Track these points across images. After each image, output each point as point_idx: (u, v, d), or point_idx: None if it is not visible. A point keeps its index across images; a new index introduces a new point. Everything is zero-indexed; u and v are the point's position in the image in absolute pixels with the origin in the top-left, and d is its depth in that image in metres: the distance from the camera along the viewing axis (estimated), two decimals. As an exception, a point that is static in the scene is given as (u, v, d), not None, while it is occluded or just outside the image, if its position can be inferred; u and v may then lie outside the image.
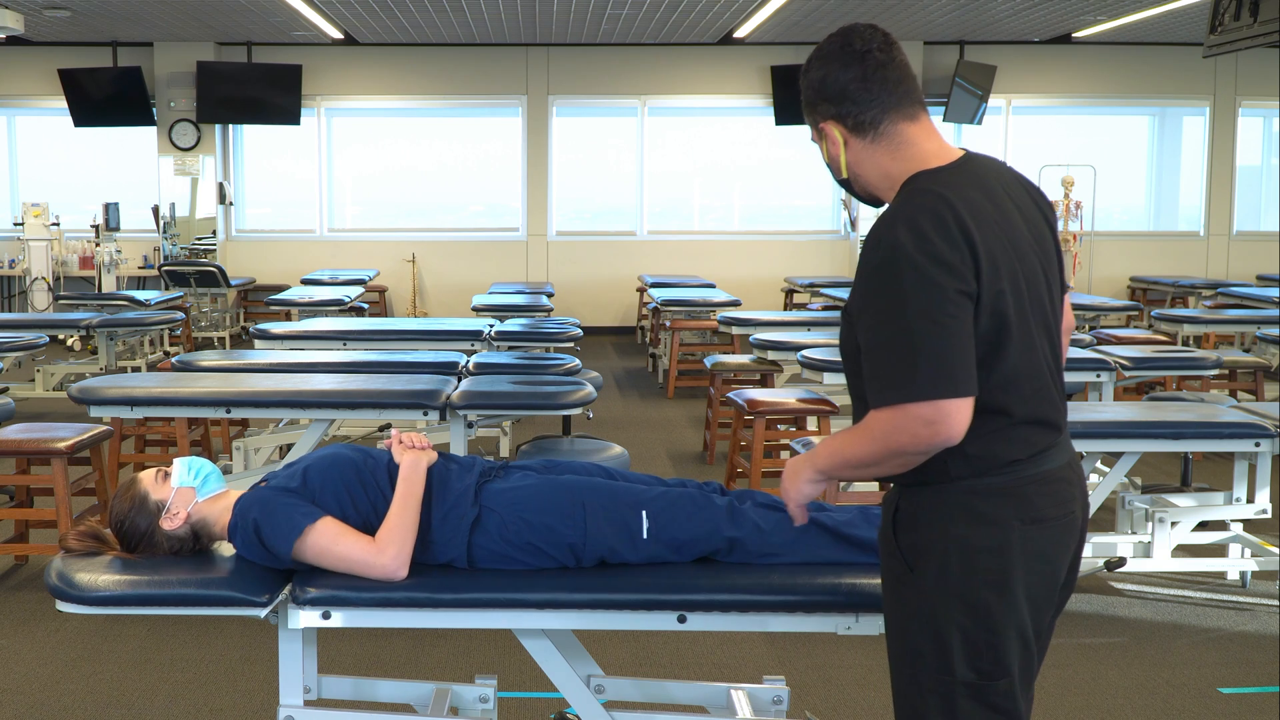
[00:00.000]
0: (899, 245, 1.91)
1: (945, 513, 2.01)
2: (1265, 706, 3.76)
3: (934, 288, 1.89)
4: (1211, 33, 7.68)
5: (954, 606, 2.00)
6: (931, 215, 1.93)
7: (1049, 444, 2.05)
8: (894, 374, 1.91)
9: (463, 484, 2.75)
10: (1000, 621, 2.00)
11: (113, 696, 3.76)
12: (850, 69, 2.05)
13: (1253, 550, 4.85)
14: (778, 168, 14.10)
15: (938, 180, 2.00)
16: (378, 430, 6.90)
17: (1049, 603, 2.07)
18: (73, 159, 13.86)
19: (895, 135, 2.06)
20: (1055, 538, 2.04)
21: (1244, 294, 10.60)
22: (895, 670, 2.13)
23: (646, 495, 2.73)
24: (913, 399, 1.89)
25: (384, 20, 11.57)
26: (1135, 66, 13.55)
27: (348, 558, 2.62)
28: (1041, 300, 2.04)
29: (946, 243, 1.91)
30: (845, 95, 2.06)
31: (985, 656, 2.01)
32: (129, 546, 2.77)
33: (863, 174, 2.12)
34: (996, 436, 1.99)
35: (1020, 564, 2.00)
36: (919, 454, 1.95)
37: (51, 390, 8.57)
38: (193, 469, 2.81)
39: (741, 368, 7.17)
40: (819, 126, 2.12)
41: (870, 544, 2.66)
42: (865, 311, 1.97)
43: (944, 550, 2.01)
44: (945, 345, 1.88)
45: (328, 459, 2.79)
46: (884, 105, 2.05)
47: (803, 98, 2.14)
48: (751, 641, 4.21)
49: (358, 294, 10.17)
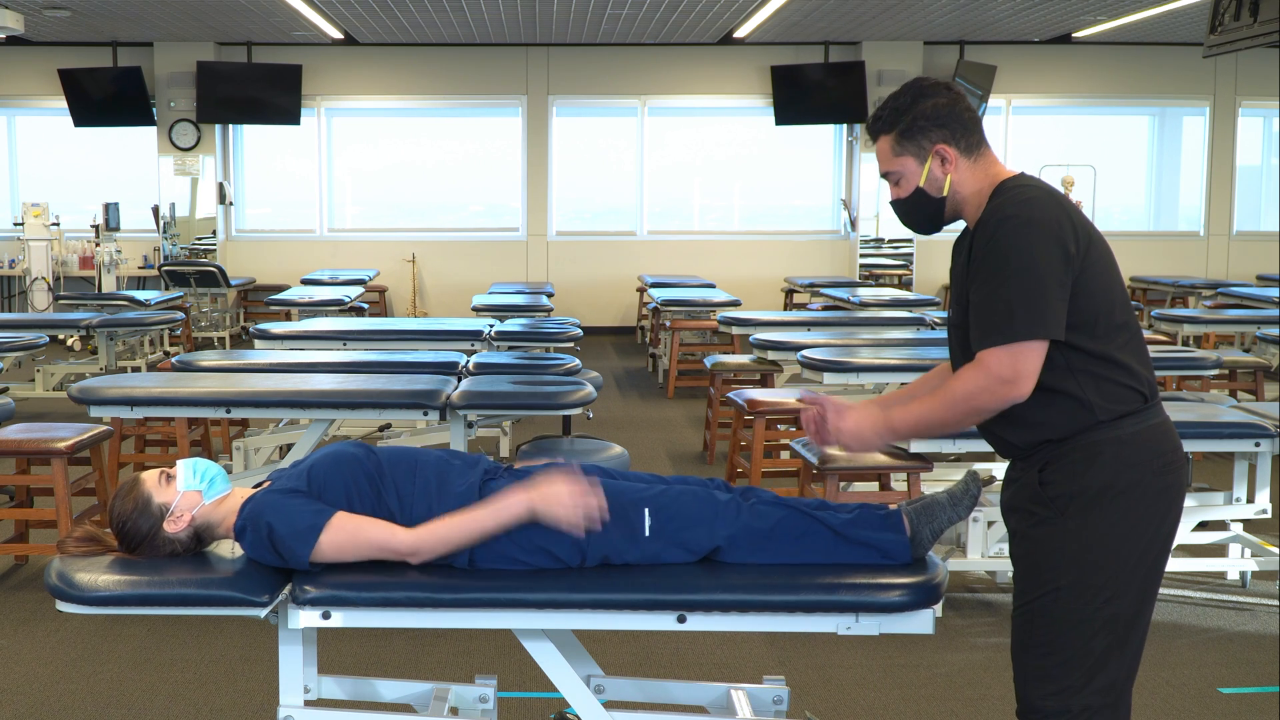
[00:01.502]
0: (1023, 218, 2.28)
1: (1090, 459, 2.32)
2: (1265, 706, 3.76)
3: (1056, 250, 2.26)
4: (1211, 33, 7.68)
5: (1095, 546, 2.31)
6: (1042, 204, 2.31)
7: (1156, 395, 2.39)
8: (1012, 317, 2.26)
9: (465, 482, 2.75)
10: (1136, 559, 2.32)
11: (113, 696, 3.76)
12: (958, 102, 2.46)
13: (1253, 550, 4.85)
14: (778, 168, 14.11)
15: (1026, 180, 2.41)
16: (378, 430, 6.90)
17: (1171, 540, 2.39)
18: (73, 159, 13.86)
19: (985, 156, 2.47)
20: (1177, 481, 2.38)
21: (1244, 294, 10.59)
22: (1026, 610, 2.38)
23: (648, 493, 2.73)
24: (1020, 339, 2.25)
25: (384, 20, 11.57)
26: (1135, 66, 13.55)
27: (370, 542, 2.62)
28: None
29: (1060, 226, 2.29)
30: (958, 121, 2.45)
31: (1120, 592, 2.32)
32: (129, 547, 2.76)
33: (961, 190, 2.46)
34: (1125, 386, 2.33)
35: (1154, 504, 2.33)
36: (999, 397, 2.30)
37: (51, 390, 8.58)
38: (198, 472, 2.79)
39: (741, 368, 7.17)
40: (933, 149, 2.44)
41: (873, 544, 2.66)
42: (986, 272, 2.31)
43: (1089, 493, 2.31)
44: (1049, 295, 2.25)
45: (332, 456, 2.78)
46: (980, 132, 2.47)
47: (899, 129, 2.46)
48: (751, 641, 4.21)
49: (358, 294, 10.17)
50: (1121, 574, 2.32)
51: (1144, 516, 2.33)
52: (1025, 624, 2.40)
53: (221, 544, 2.81)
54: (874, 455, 4.62)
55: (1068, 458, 2.34)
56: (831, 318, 8.39)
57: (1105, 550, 2.31)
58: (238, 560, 2.74)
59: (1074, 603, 2.32)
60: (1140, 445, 2.33)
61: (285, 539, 2.61)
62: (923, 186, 2.47)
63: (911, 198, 2.50)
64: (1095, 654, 2.34)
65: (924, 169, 2.46)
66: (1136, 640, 2.38)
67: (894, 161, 2.49)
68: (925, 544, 2.68)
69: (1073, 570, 2.32)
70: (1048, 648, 2.36)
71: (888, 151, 2.50)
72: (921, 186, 2.47)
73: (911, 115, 2.45)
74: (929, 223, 2.53)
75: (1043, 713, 2.37)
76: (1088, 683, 2.34)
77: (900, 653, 4.11)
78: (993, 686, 3.88)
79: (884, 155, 2.51)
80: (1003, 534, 4.65)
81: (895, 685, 3.88)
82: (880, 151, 2.52)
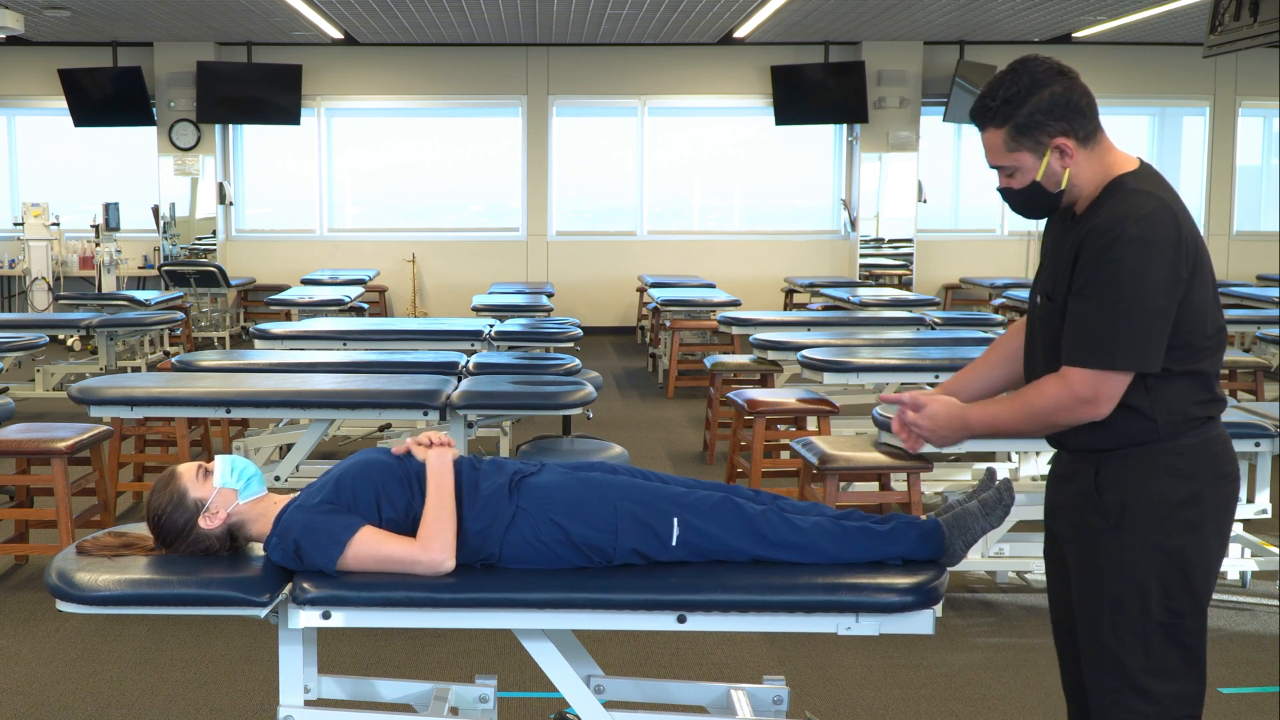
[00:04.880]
0: (1143, 240, 2.20)
1: (1148, 471, 2.31)
2: (1265, 706, 3.76)
3: (1169, 278, 2.21)
4: (1211, 33, 7.67)
5: (1154, 555, 2.30)
6: (1162, 220, 2.23)
7: (1222, 409, 2.38)
8: (1104, 341, 2.23)
9: (493, 483, 2.75)
10: (1194, 566, 2.31)
11: (113, 696, 3.76)
12: (1074, 87, 2.31)
13: (1253, 550, 4.85)
14: (778, 168, 14.10)
15: (1148, 182, 2.30)
16: (378, 430, 6.90)
17: (1225, 548, 2.40)
18: (73, 159, 13.86)
19: (1100, 142, 2.34)
20: (1233, 491, 2.38)
21: (1244, 294, 10.59)
22: (1092, 620, 2.37)
23: (682, 500, 2.71)
24: (1112, 367, 2.23)
25: (384, 20, 11.57)
26: (1135, 66, 13.55)
27: (392, 558, 2.62)
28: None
29: (1177, 245, 2.22)
30: (1077, 110, 2.31)
31: (1179, 598, 2.31)
32: (165, 542, 2.76)
33: (1080, 183, 2.34)
34: (1196, 404, 2.31)
35: (1210, 514, 2.32)
36: (1076, 418, 2.29)
37: (51, 390, 8.57)
38: (236, 469, 2.79)
39: (741, 368, 7.17)
40: (1051, 144, 2.31)
41: (911, 559, 2.66)
42: (1094, 289, 2.24)
43: (1146, 505, 2.30)
44: (1154, 327, 2.22)
45: (360, 465, 2.77)
46: (1096, 116, 2.34)
47: (1015, 122, 2.31)
48: (751, 641, 4.21)
49: (358, 294, 10.18)
50: (1184, 586, 2.31)
51: (1202, 528, 2.31)
52: (1094, 640, 2.38)
53: (256, 546, 2.81)
54: (874, 455, 4.62)
55: (1124, 465, 2.33)
56: (831, 318, 8.39)
57: (1164, 563, 2.30)
58: (238, 560, 2.74)
59: (1141, 617, 2.31)
60: (1197, 457, 2.31)
61: (311, 554, 2.62)
62: (1039, 181, 2.35)
63: (1026, 190, 2.38)
64: (1169, 669, 2.32)
65: (1042, 164, 2.33)
66: (1204, 651, 2.36)
67: (1008, 157, 2.35)
68: (958, 556, 2.67)
69: (1133, 583, 2.31)
70: (1120, 664, 2.34)
71: (1000, 145, 2.35)
72: (1039, 180, 2.35)
73: (1028, 108, 2.30)
74: (1041, 213, 2.43)
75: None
76: (1163, 698, 2.32)
77: (900, 653, 4.11)
78: (993, 686, 3.88)
79: (995, 149, 2.36)
80: (1003, 534, 4.65)
81: (895, 685, 3.88)
82: (990, 144, 2.37)
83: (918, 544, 2.65)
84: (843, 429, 6.58)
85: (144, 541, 2.80)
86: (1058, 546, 2.52)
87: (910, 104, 13.25)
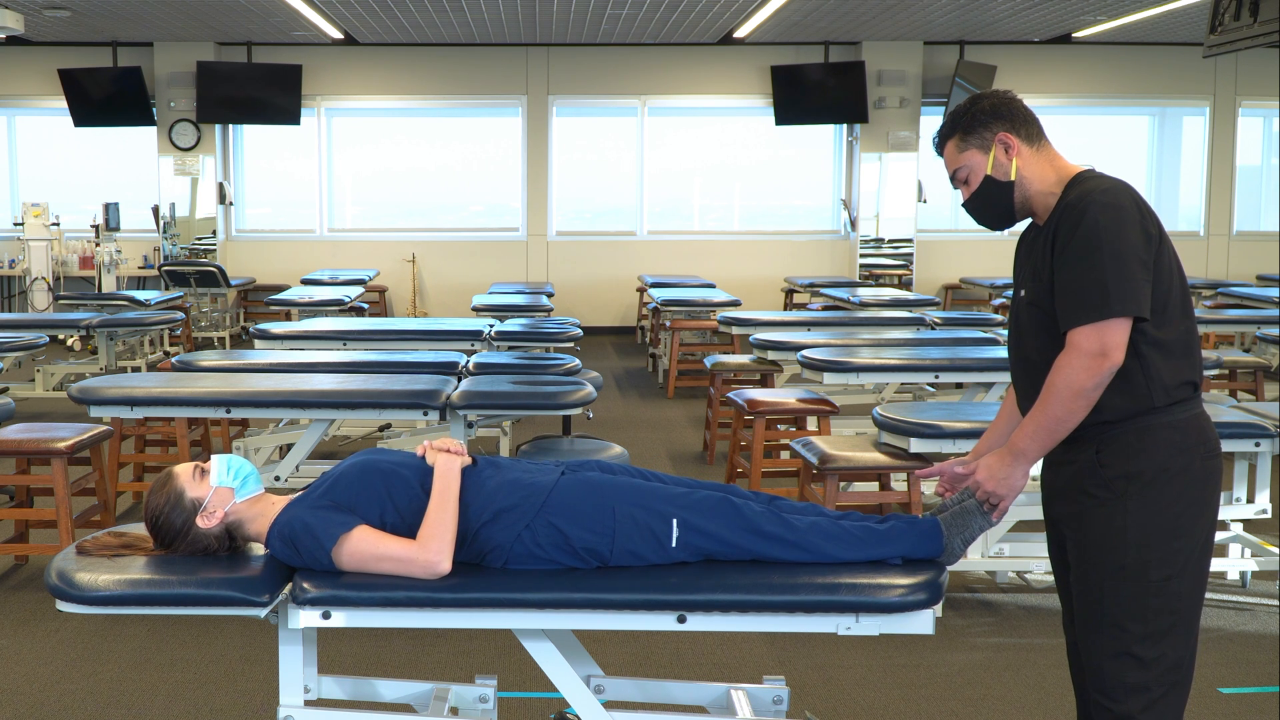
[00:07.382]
0: (1110, 203, 2.38)
1: (1149, 441, 2.43)
2: (1265, 706, 3.76)
3: (1140, 233, 2.38)
4: (1211, 33, 7.67)
5: (1153, 525, 2.42)
6: (1125, 192, 2.43)
7: (1202, 379, 2.53)
8: (1096, 296, 2.36)
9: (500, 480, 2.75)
10: (1189, 537, 2.44)
11: (113, 696, 3.76)
12: (1013, 100, 2.60)
13: (1253, 550, 4.85)
14: (778, 168, 14.10)
15: (1100, 173, 2.52)
16: (378, 430, 6.90)
17: (1216, 523, 2.52)
18: (73, 159, 13.86)
19: (1047, 148, 2.59)
20: (1220, 466, 2.53)
21: (1244, 294, 10.59)
22: (1091, 589, 2.48)
23: (681, 501, 2.71)
24: (1111, 316, 2.35)
25: (384, 20, 11.57)
26: (1135, 66, 13.55)
27: (389, 556, 2.62)
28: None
29: (1141, 212, 2.41)
30: (1017, 114, 2.57)
31: (1179, 570, 2.43)
32: (163, 543, 2.76)
33: (1029, 177, 2.55)
34: (1181, 373, 2.45)
35: (1203, 487, 2.46)
36: (1098, 376, 2.38)
37: (51, 390, 8.57)
38: (232, 468, 2.79)
39: (741, 368, 7.17)
40: (995, 138, 2.55)
41: (910, 558, 2.67)
42: (1074, 255, 2.40)
43: (1150, 474, 2.43)
44: (1138, 275, 2.37)
45: (358, 467, 2.77)
46: (1038, 125, 2.60)
47: (962, 126, 2.58)
48: (751, 641, 4.21)
49: (358, 294, 10.18)
50: (1180, 552, 2.43)
51: (1196, 498, 2.45)
52: (1093, 607, 2.48)
53: (255, 546, 2.81)
54: (874, 455, 4.62)
55: (1122, 439, 2.45)
56: (831, 318, 8.39)
57: (1163, 529, 2.42)
58: (238, 560, 2.74)
59: (1139, 581, 2.43)
60: (1189, 430, 2.45)
61: (308, 551, 2.63)
62: (990, 174, 2.57)
63: (981, 189, 2.59)
64: (1163, 632, 2.43)
65: (989, 157, 2.56)
66: (1196, 619, 2.48)
67: (960, 158, 2.60)
68: (957, 554, 2.68)
69: (1134, 550, 2.43)
70: (1119, 628, 2.44)
71: (954, 151, 2.61)
72: (989, 174, 2.57)
73: (970, 114, 2.58)
74: (1003, 214, 2.60)
75: (1124, 688, 2.44)
76: (1159, 660, 2.43)
77: (900, 653, 4.11)
78: (993, 686, 3.88)
79: (951, 157, 2.62)
80: (1003, 534, 4.65)
81: (895, 685, 3.88)
82: (948, 156, 2.63)
83: (917, 543, 2.66)
84: (843, 429, 6.58)
85: (144, 542, 2.80)
86: (1059, 533, 2.60)
87: (910, 104, 13.25)
